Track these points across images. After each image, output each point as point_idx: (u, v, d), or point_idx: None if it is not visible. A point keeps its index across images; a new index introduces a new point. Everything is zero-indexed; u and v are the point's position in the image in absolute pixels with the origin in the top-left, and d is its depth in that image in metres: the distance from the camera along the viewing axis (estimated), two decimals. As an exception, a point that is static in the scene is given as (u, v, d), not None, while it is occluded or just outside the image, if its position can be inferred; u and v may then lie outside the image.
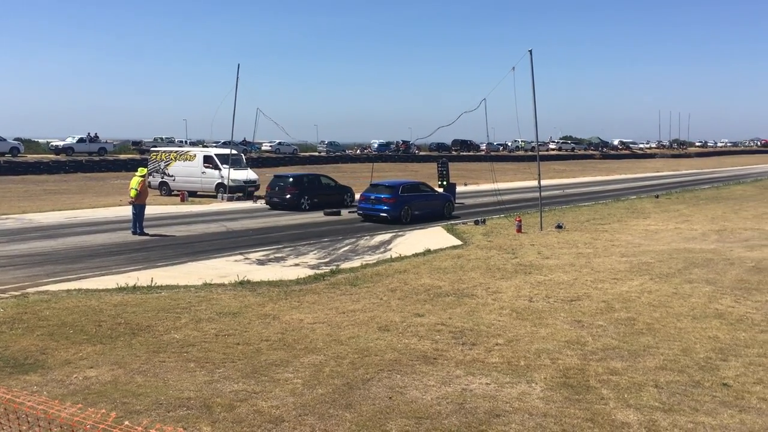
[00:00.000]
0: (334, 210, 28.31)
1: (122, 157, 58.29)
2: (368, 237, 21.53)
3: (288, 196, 29.37)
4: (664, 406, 7.32)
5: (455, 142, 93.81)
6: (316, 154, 78.02)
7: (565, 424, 6.84)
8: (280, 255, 18.00)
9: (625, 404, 7.37)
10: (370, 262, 16.65)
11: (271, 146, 76.06)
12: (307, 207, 29.36)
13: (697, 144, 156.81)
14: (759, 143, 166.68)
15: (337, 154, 77.04)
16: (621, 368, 8.54)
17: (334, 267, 15.81)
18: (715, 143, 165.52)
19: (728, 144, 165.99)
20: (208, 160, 34.78)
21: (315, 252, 18.60)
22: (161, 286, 13.31)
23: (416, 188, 27.27)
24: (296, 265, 16.51)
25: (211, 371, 8.33)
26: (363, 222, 25.29)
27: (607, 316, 11.14)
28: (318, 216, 27.25)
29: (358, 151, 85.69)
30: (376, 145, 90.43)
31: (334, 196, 30.58)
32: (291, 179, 30.24)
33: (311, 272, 15.21)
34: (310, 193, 30.06)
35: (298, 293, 12.87)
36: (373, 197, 25.39)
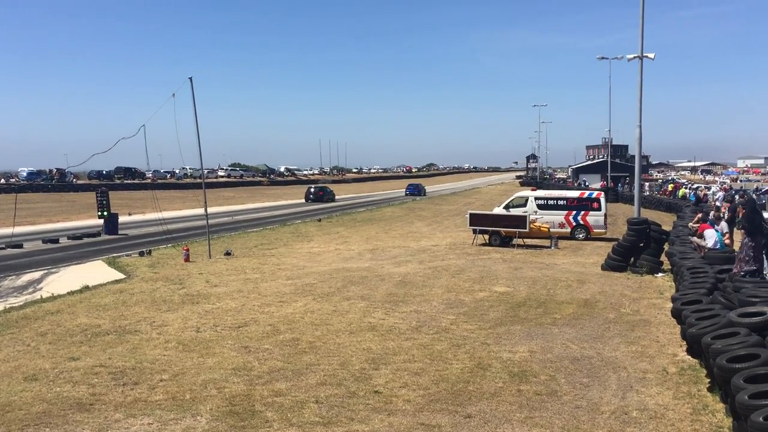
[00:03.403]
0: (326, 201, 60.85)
1: None
2: (14, 276, 19.17)
3: (318, 194, 60.89)
4: (323, 420, 7.73)
5: (119, 169, 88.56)
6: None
7: (230, 453, 6.80)
8: None
9: (288, 423, 7.61)
10: (16, 304, 14.83)
11: None
12: (326, 200, 59.84)
13: (354, 170, 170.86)
14: (404, 170, 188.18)
15: (-25, 184, 67.50)
16: (285, 389, 8.82)
17: (-30, 314, 13.73)
18: (369, 169, 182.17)
19: (380, 170, 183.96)
20: None
21: (-56, 298, 15.96)
22: None
23: (420, 185, 75.70)
24: None
25: None
26: (15, 260, 22.48)
27: (273, 339, 11.44)
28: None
29: (2, 180, 76.07)
30: (25, 174, 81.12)
31: (330, 195, 61.86)
32: (319, 187, 64.39)
33: (-62, 322, 13.00)
34: (325, 193, 61.49)
35: None
36: (412, 187, 73.93)
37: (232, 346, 10.98)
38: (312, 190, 62.87)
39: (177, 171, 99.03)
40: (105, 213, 31.39)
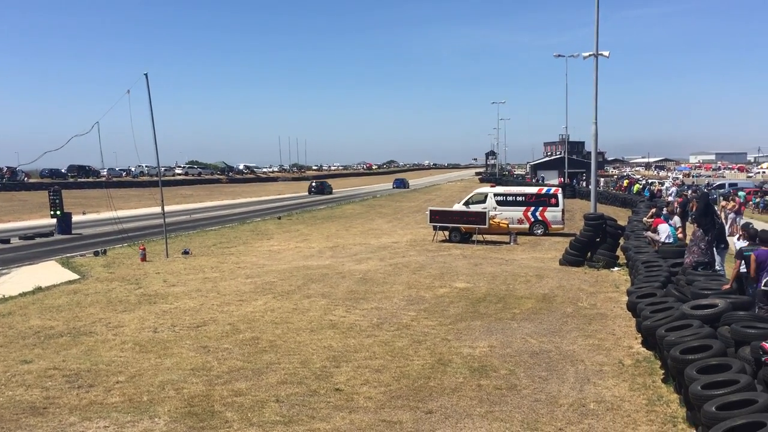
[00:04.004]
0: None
1: None
2: (-37, 278, 18.57)
3: (320, 188, 70.25)
4: (284, 419, 7.67)
5: (72, 167, 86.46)
6: None
7: (189, 454, 6.71)
8: None
9: (248, 423, 7.54)
10: (-35, 307, 14.36)
11: None
12: (326, 192, 69.09)
13: (314, 167, 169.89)
14: (365, 166, 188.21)
15: None
16: (245, 388, 8.73)
17: None
18: (329, 167, 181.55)
19: (340, 167, 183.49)
20: None
21: None
22: None
23: (405, 179, 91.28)
24: None
25: None
26: None
27: (233, 338, 11.32)
28: None
29: (-49, 179, 73.57)
30: (-27, 173, 78.70)
31: (329, 189, 71.09)
32: (320, 181, 75.69)
33: None
34: (324, 187, 70.82)
35: None
36: (399, 181, 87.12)
37: (191, 346, 10.83)
38: (314, 184, 73.96)
39: (133, 169, 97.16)
40: (58, 212, 30.65)
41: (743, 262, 10.38)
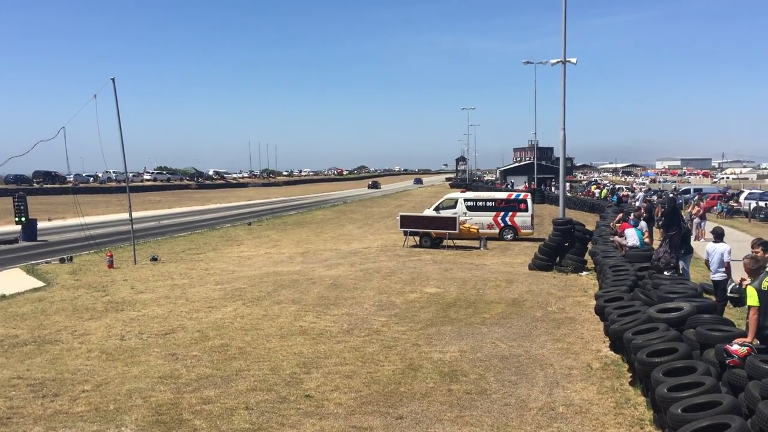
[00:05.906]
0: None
1: None
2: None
3: (375, 185, 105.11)
4: (253, 426, 7.61)
5: (37, 173, 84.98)
6: None
7: (157, 464, 6.61)
8: None
9: (217, 431, 7.46)
10: (-75, 316, 14.02)
11: None
12: (378, 188, 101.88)
13: (285, 173, 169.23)
14: (335, 172, 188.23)
15: None
16: (214, 396, 8.65)
17: None
18: (300, 172, 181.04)
19: (311, 173, 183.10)
20: None
21: None
22: None
23: (420, 178, 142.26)
24: None
25: None
26: None
27: (202, 345, 11.20)
28: None
29: None
30: (-65, 178, 76.99)
31: (379, 185, 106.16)
32: (375, 180, 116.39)
33: None
34: (378, 185, 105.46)
35: None
36: (418, 180, 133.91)
37: (159, 354, 10.70)
38: (370, 183, 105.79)
39: (100, 175, 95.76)
40: (23, 219, 30.07)
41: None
